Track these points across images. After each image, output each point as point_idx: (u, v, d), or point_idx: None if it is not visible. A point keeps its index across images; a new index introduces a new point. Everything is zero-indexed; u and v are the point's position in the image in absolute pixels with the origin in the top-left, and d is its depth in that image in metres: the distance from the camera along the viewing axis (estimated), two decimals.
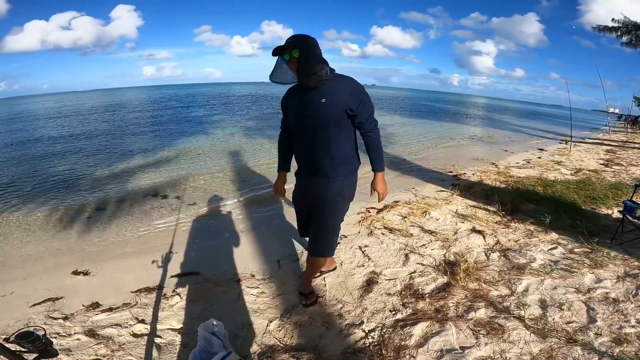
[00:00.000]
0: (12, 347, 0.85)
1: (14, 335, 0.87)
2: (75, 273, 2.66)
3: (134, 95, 50.67)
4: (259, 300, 2.22)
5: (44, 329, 0.93)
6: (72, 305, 2.22)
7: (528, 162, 6.91)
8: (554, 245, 2.83)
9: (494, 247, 2.84)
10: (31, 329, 0.92)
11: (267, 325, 1.97)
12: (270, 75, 1.78)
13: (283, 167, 2.07)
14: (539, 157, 7.51)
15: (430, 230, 3.17)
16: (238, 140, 9.46)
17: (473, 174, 5.52)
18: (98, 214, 4.17)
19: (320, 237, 1.95)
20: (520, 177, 5.22)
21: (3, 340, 0.85)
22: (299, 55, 1.63)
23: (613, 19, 13.00)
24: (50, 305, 2.23)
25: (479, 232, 3.12)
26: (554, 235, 3.02)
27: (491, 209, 3.69)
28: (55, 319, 2.08)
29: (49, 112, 22.19)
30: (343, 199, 1.88)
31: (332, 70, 1.70)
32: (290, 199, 2.15)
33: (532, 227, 3.19)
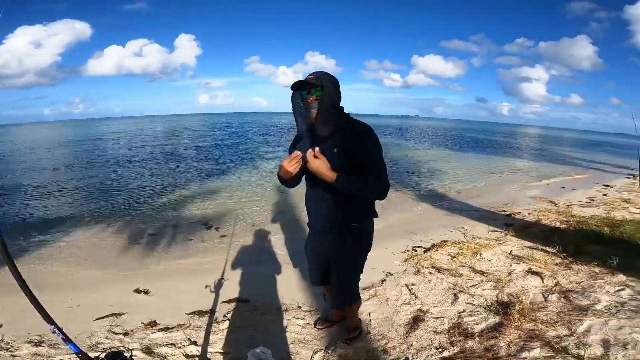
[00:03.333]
0: None
1: (104, 354, 0.96)
2: (137, 291, 2.90)
3: (193, 122, 55.02)
4: (305, 331, 2.26)
5: (130, 350, 1.01)
6: (133, 322, 2.41)
7: (592, 200, 6.37)
8: (621, 287, 2.57)
9: (553, 289, 2.64)
10: (121, 349, 1.00)
11: (311, 357, 2.00)
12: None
13: None
14: (605, 195, 6.89)
15: (481, 271, 3.03)
16: None
17: (529, 213, 5.19)
18: (159, 236, 4.60)
19: (340, 292, 1.84)
20: (583, 216, 4.83)
21: (94, 358, 0.92)
22: (321, 94, 1.46)
23: None
24: (112, 320, 2.44)
25: (536, 273, 2.92)
26: (621, 277, 2.73)
27: (551, 250, 3.44)
28: (116, 334, 2.27)
29: (126, 136, 25.07)
30: (361, 253, 1.77)
31: (347, 114, 1.57)
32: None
33: (597, 269, 2.92)
